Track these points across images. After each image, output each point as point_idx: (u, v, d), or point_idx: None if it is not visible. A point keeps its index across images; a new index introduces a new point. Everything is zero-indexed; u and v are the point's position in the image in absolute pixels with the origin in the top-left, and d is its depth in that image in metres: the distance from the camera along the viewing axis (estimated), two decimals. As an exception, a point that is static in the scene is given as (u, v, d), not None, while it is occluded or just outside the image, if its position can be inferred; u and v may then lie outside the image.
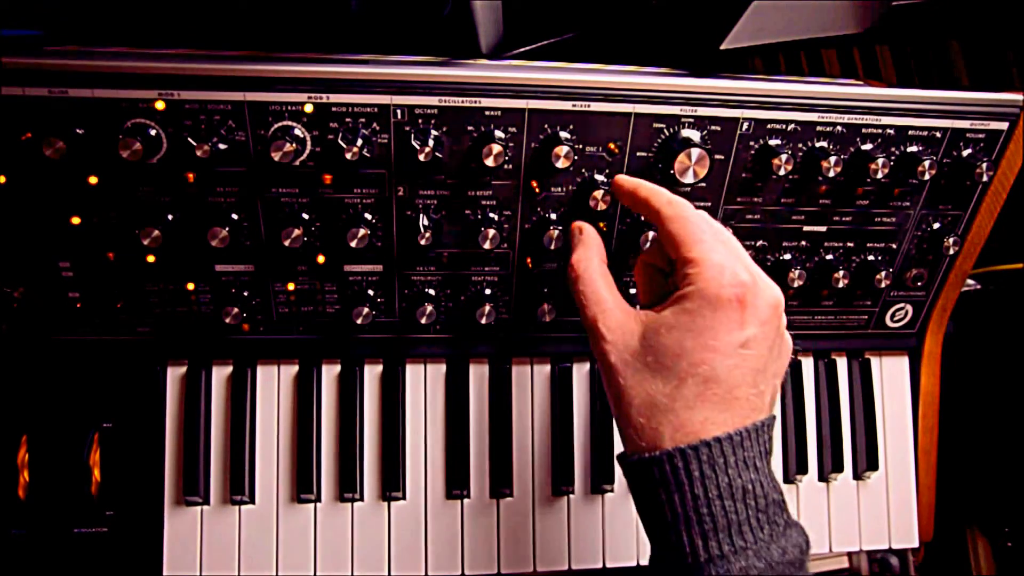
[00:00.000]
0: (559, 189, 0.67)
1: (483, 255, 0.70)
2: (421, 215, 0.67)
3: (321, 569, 0.72)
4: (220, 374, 0.73)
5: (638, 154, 0.67)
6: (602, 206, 0.66)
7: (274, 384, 0.73)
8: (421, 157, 0.62)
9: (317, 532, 0.72)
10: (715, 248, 0.52)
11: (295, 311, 0.71)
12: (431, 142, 0.62)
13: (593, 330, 0.55)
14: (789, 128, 0.68)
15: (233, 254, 0.67)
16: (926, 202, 0.73)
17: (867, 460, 0.81)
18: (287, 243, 0.63)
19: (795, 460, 0.80)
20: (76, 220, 0.63)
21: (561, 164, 0.63)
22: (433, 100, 0.63)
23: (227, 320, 0.67)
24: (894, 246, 0.75)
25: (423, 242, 0.66)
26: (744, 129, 0.67)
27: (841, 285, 0.73)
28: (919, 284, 0.77)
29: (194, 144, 0.60)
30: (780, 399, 0.81)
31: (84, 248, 0.65)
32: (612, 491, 0.76)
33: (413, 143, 0.62)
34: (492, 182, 0.67)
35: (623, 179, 0.62)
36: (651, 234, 0.69)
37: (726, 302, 0.50)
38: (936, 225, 0.75)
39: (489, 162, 0.63)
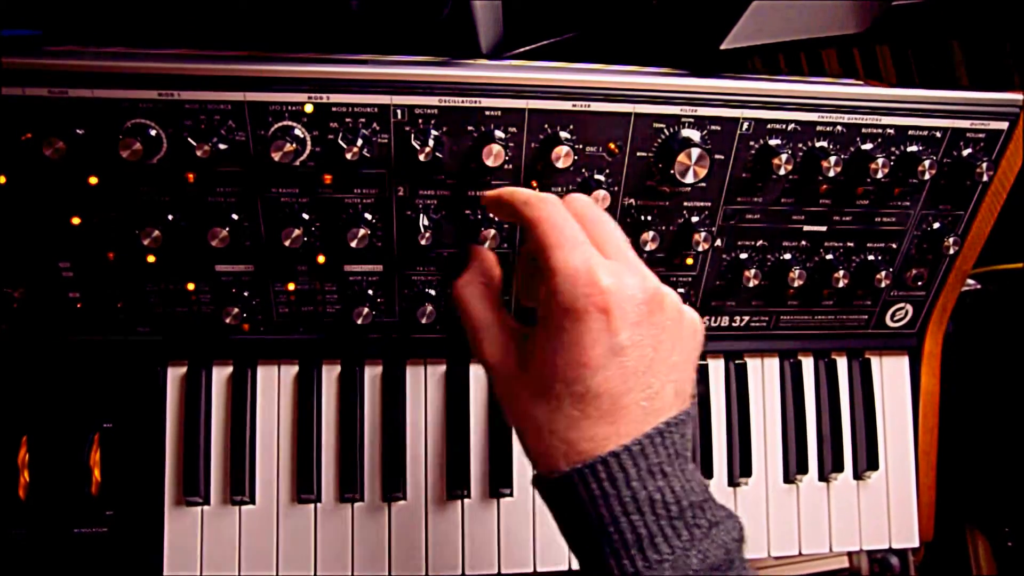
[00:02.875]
0: (559, 189, 0.67)
1: (483, 255, 0.70)
2: (421, 215, 0.67)
3: (321, 569, 0.72)
4: (220, 374, 0.73)
5: (638, 154, 0.67)
6: (603, 206, 0.66)
7: (274, 384, 0.73)
8: (421, 157, 0.62)
9: (317, 532, 0.72)
10: (572, 252, 0.48)
11: (295, 311, 0.71)
12: (431, 142, 0.62)
13: (478, 357, 0.53)
14: (789, 128, 0.68)
15: (233, 254, 0.67)
16: (926, 202, 0.73)
17: (867, 460, 0.81)
18: (287, 243, 0.63)
19: (795, 460, 0.80)
20: (76, 220, 0.63)
21: (561, 164, 0.63)
22: (433, 100, 0.63)
23: (227, 320, 0.67)
24: (894, 246, 0.75)
25: (423, 242, 0.66)
26: (744, 129, 0.67)
27: (841, 285, 0.73)
28: (919, 284, 0.77)
29: (194, 144, 0.60)
30: (780, 399, 0.81)
31: (84, 248, 0.65)
32: (612, 491, 0.76)
33: (413, 143, 0.62)
34: (492, 182, 0.67)
35: (486, 193, 0.58)
36: None
37: (584, 313, 0.46)
38: (936, 225, 0.75)
39: (489, 162, 0.63)
